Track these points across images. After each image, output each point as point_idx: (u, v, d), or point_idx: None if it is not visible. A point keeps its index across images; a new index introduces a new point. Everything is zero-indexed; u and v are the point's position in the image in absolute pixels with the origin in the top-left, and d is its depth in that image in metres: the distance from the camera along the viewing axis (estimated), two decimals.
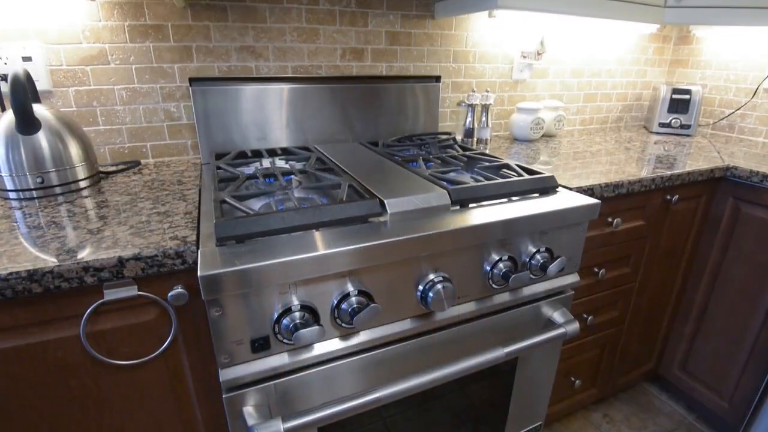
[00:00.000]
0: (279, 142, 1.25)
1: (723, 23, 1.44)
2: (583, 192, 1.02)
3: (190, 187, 0.97)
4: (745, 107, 1.77)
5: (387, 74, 1.40)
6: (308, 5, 1.24)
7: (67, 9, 1.03)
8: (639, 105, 2.03)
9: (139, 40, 1.11)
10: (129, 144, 1.17)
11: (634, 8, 1.37)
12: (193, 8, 1.13)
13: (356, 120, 1.33)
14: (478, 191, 0.85)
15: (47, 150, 0.92)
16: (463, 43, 1.49)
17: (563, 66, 1.74)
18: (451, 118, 1.58)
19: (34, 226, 0.75)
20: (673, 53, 2.01)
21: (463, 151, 1.18)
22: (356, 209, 0.74)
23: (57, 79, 1.07)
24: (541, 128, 1.55)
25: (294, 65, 1.27)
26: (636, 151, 1.43)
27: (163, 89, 1.16)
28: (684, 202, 1.31)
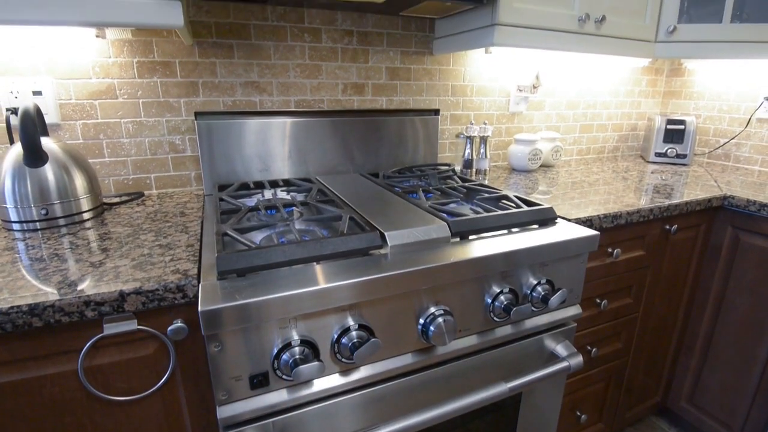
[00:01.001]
0: (281, 173, 1.27)
1: (712, 57, 1.48)
2: (582, 223, 1.03)
3: (193, 219, 0.98)
4: (739, 136, 1.81)
5: (387, 108, 1.44)
6: (311, 43, 1.28)
7: (79, 46, 1.07)
8: (635, 135, 2.07)
9: (147, 76, 1.14)
10: (133, 175, 1.19)
11: (626, 43, 1.42)
12: (201, 45, 1.17)
13: (357, 152, 1.35)
14: (478, 223, 0.86)
15: (53, 182, 0.94)
16: (460, 77, 1.54)
17: (559, 98, 1.78)
18: (450, 149, 1.60)
19: (37, 259, 0.76)
20: (666, 85, 2.06)
21: (462, 182, 1.19)
22: (357, 242, 0.74)
23: (65, 113, 1.10)
24: (539, 159, 1.57)
25: (297, 99, 1.31)
26: (633, 181, 1.45)
27: (169, 123, 1.19)
28: (683, 232, 1.31)
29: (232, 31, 1.19)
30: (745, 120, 1.78)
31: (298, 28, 1.26)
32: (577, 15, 1.27)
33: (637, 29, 1.43)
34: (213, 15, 1.16)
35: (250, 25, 1.20)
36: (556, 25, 1.24)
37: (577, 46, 1.31)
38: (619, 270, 1.20)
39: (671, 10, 1.47)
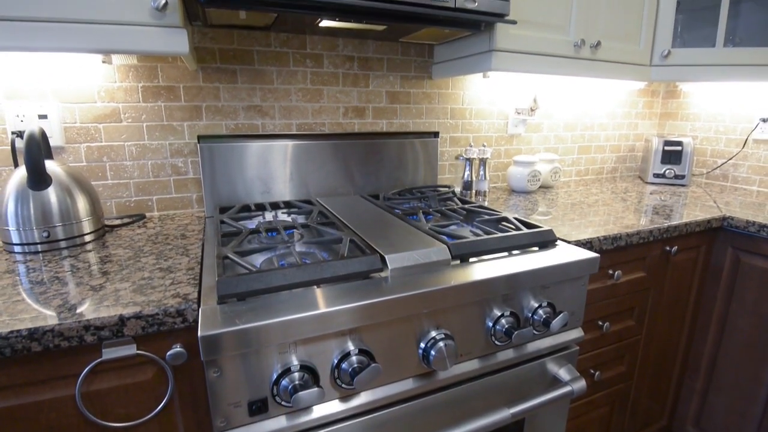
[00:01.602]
0: (282, 195, 1.28)
1: (706, 79, 1.51)
2: (582, 245, 1.03)
3: (194, 242, 0.98)
4: (736, 157, 1.82)
5: (387, 131, 1.46)
6: (313, 68, 1.31)
7: (85, 72, 1.09)
8: (633, 156, 2.09)
9: (152, 100, 1.16)
10: (135, 198, 1.20)
11: (621, 67, 1.45)
12: (205, 71, 1.19)
13: (358, 174, 1.37)
14: (478, 246, 0.86)
15: (55, 205, 0.94)
16: (459, 101, 1.56)
17: (556, 121, 1.81)
18: (449, 170, 1.62)
19: (37, 282, 0.76)
20: (663, 107, 2.09)
21: (462, 204, 1.20)
22: (357, 265, 0.75)
23: (70, 136, 1.11)
24: (538, 180, 1.59)
25: (299, 123, 1.33)
26: (632, 202, 1.46)
27: (172, 145, 1.20)
28: (684, 253, 1.31)
29: (236, 57, 1.22)
30: (742, 141, 1.80)
31: (300, 54, 1.29)
32: (572, 41, 1.30)
33: (632, 54, 1.46)
34: (217, 41, 1.19)
35: (253, 50, 1.23)
36: (553, 50, 1.27)
37: (574, 71, 1.33)
38: (621, 292, 1.19)
39: (665, 35, 1.50)
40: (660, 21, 1.50)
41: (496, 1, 1.03)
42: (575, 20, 1.29)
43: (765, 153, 1.73)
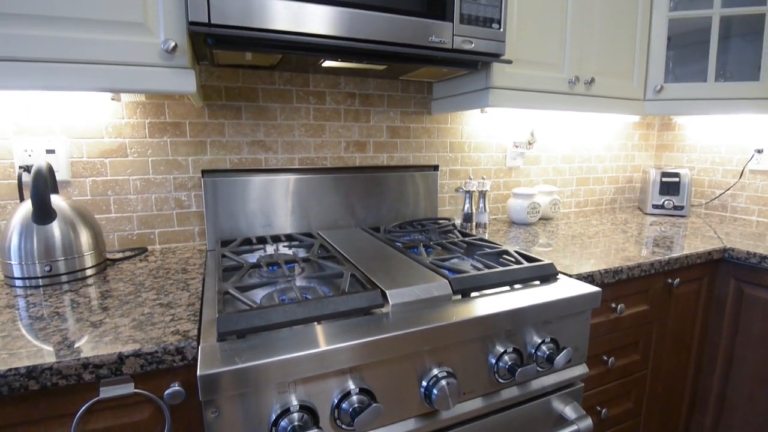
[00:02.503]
0: (284, 228, 1.29)
1: (699, 113, 1.55)
2: (583, 279, 1.03)
3: (195, 276, 0.99)
4: (734, 187, 1.84)
5: (388, 164, 1.49)
6: (316, 105, 1.35)
7: (94, 108, 1.12)
8: (631, 187, 2.11)
9: (158, 136, 1.19)
10: (138, 231, 1.21)
11: (616, 102, 1.49)
12: (210, 107, 1.23)
13: (359, 207, 1.38)
14: (479, 280, 0.86)
15: (59, 239, 0.95)
16: (458, 135, 1.60)
17: (554, 153, 1.84)
18: (450, 203, 1.63)
19: (37, 317, 0.76)
20: (658, 138, 2.13)
21: (462, 237, 1.20)
22: (358, 301, 0.75)
23: (76, 170, 1.13)
24: (538, 212, 1.60)
25: (301, 157, 1.36)
26: (633, 233, 1.46)
27: (176, 179, 1.22)
28: (686, 285, 1.30)
29: (241, 94, 1.25)
30: (738, 171, 1.82)
31: (303, 92, 1.33)
32: (567, 78, 1.34)
33: (625, 89, 1.50)
34: (223, 80, 1.23)
35: (258, 88, 1.27)
36: (548, 87, 1.31)
37: (569, 106, 1.37)
38: (624, 326, 1.18)
39: (657, 71, 1.55)
40: (652, 57, 1.55)
41: (491, 42, 1.07)
42: (569, 58, 1.34)
43: (762, 183, 1.75)
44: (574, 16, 1.33)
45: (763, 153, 1.74)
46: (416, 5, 0.98)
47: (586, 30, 1.37)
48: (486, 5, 1.05)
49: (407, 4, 0.97)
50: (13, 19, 0.76)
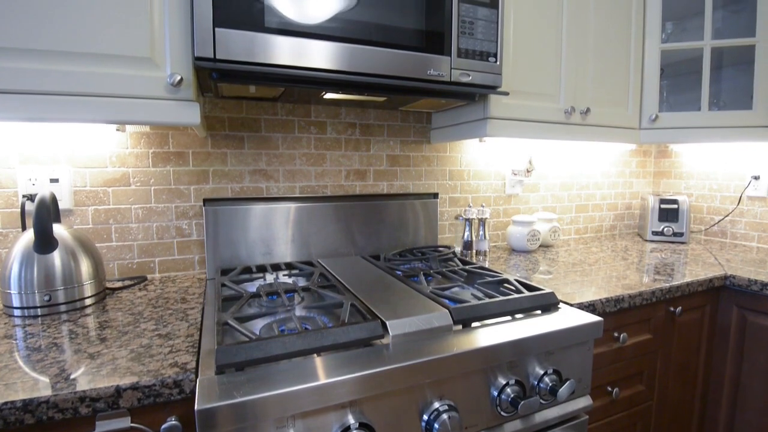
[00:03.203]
0: (284, 256, 1.29)
1: (694, 141, 1.57)
2: (585, 308, 1.02)
3: (194, 305, 0.98)
4: (733, 214, 1.85)
5: (388, 192, 1.50)
6: (317, 134, 1.37)
7: (99, 139, 1.14)
8: (630, 214, 2.12)
9: (161, 165, 1.21)
10: (138, 259, 1.21)
11: (612, 131, 1.52)
12: (214, 137, 1.25)
13: (359, 235, 1.39)
14: (480, 310, 0.86)
15: (59, 268, 0.95)
16: (457, 163, 1.62)
17: (552, 181, 1.86)
18: (449, 230, 1.64)
19: (35, 348, 0.75)
20: (656, 165, 2.16)
21: (462, 265, 1.20)
22: (358, 332, 0.74)
23: (79, 199, 1.14)
24: (538, 239, 1.60)
25: (302, 185, 1.37)
26: (633, 261, 1.46)
27: (178, 208, 1.23)
28: (688, 313, 1.29)
29: (244, 125, 1.28)
30: (736, 198, 1.83)
31: (305, 122, 1.35)
32: (563, 108, 1.37)
33: (621, 118, 1.53)
34: (227, 111, 1.26)
35: (261, 119, 1.30)
36: (544, 117, 1.33)
37: (566, 135, 1.39)
38: (628, 355, 1.16)
39: (651, 100, 1.59)
40: (646, 87, 1.59)
41: (488, 75, 1.10)
42: (564, 89, 1.37)
43: (761, 209, 1.76)
44: (568, 49, 1.37)
45: (760, 179, 1.75)
46: (415, 40, 1.01)
47: (581, 61, 1.41)
48: (483, 40, 1.09)
49: (406, 40, 1.00)
50: (25, 54, 0.79)
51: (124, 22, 0.84)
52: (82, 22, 0.82)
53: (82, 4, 0.81)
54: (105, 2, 0.83)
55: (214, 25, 0.85)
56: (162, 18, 0.88)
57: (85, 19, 0.82)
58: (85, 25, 0.82)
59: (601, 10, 1.45)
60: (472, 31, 1.07)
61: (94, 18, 0.82)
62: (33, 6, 0.78)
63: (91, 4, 0.82)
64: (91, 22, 0.82)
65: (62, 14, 0.80)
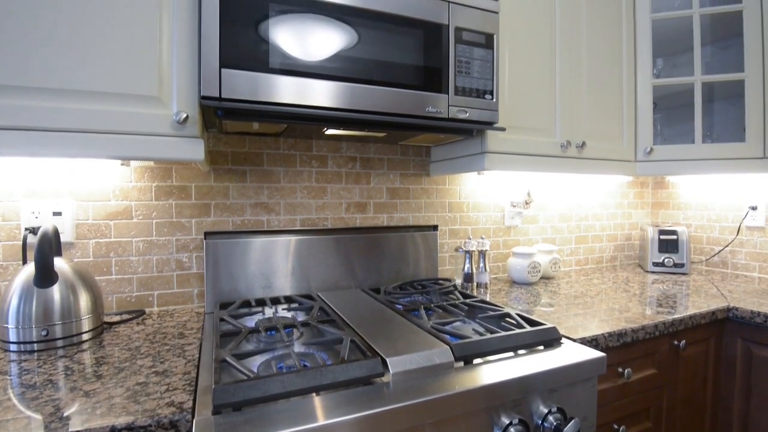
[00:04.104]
0: (283, 290, 1.28)
1: (689, 173, 1.59)
2: (587, 343, 1.01)
3: (192, 341, 0.97)
4: (732, 244, 1.85)
5: (388, 225, 1.51)
6: (318, 168, 1.40)
7: (103, 173, 1.16)
8: (630, 245, 2.12)
9: (164, 198, 1.22)
10: (137, 293, 1.20)
11: (608, 164, 1.54)
12: (217, 171, 1.27)
13: (359, 267, 1.38)
14: (481, 346, 0.85)
15: (58, 303, 0.95)
16: (456, 195, 1.64)
17: (551, 212, 1.87)
18: (450, 262, 1.64)
19: (30, 385, 0.74)
20: (653, 196, 2.18)
21: (463, 298, 1.20)
22: (358, 370, 0.73)
23: (81, 232, 1.15)
24: (538, 271, 1.60)
25: (302, 218, 1.38)
26: (635, 293, 1.45)
27: (179, 241, 1.24)
28: (693, 346, 1.28)
29: (247, 159, 1.30)
30: (735, 228, 1.84)
31: (306, 156, 1.38)
32: (559, 142, 1.40)
33: (616, 151, 1.56)
34: (230, 145, 1.28)
35: (263, 153, 1.32)
36: (541, 151, 1.36)
37: (563, 169, 1.42)
38: (633, 391, 1.14)
39: (646, 133, 1.62)
40: (639, 121, 1.62)
41: (485, 112, 1.13)
42: (560, 124, 1.40)
43: (760, 240, 1.76)
44: (562, 85, 1.41)
45: (757, 210, 1.77)
46: (414, 79, 1.05)
47: (575, 97, 1.45)
48: (479, 78, 1.13)
49: (405, 79, 1.04)
50: (35, 92, 0.82)
51: (134, 62, 0.88)
52: (93, 62, 0.85)
53: (96, 45, 0.85)
54: (118, 44, 0.86)
55: (220, 65, 0.88)
56: (170, 59, 0.91)
57: (96, 59, 0.85)
58: (96, 64, 0.85)
59: (593, 48, 1.50)
60: (468, 70, 1.11)
61: (105, 58, 0.86)
62: (47, 46, 0.82)
63: (105, 45, 0.86)
64: (102, 62, 0.85)
65: (74, 55, 0.84)
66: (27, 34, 0.81)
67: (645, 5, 1.60)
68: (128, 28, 0.87)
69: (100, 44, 0.85)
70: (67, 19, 0.83)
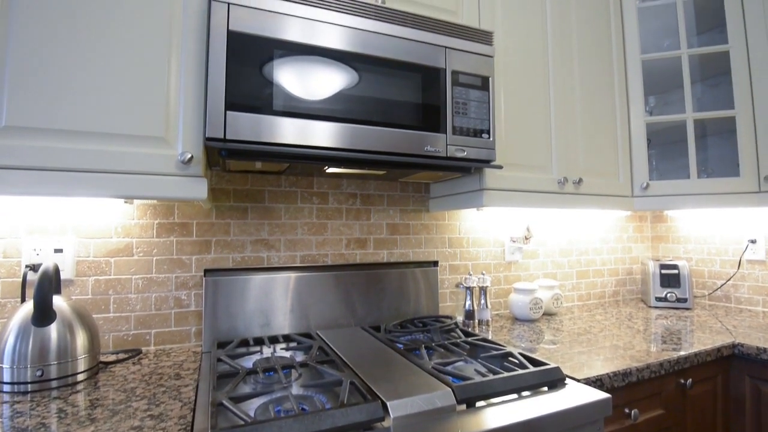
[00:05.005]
0: (282, 328, 1.27)
1: (686, 207, 1.61)
2: (592, 383, 0.99)
3: (188, 382, 0.95)
4: (734, 278, 1.84)
5: (388, 260, 1.51)
6: (319, 204, 1.41)
7: (107, 210, 1.17)
8: (632, 279, 2.11)
9: (165, 235, 1.23)
10: (134, 331, 1.19)
11: (605, 199, 1.56)
12: (218, 209, 1.28)
13: (359, 304, 1.37)
14: (484, 388, 0.83)
15: (55, 342, 0.94)
16: (456, 230, 1.65)
17: (551, 247, 1.87)
18: (451, 298, 1.63)
19: (22, 429, 0.72)
20: (653, 230, 2.18)
21: (465, 337, 1.18)
22: (357, 414, 0.71)
23: (81, 269, 1.15)
24: (540, 308, 1.58)
25: (303, 255, 1.38)
26: (639, 329, 1.43)
27: (178, 278, 1.23)
28: (700, 385, 1.25)
29: (249, 196, 1.32)
30: (736, 261, 1.84)
31: (307, 193, 1.40)
32: (556, 178, 1.42)
33: (613, 187, 1.58)
34: (233, 183, 1.30)
35: (265, 190, 1.34)
36: (539, 187, 1.38)
37: (561, 204, 1.43)
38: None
39: (641, 169, 1.64)
40: (635, 157, 1.65)
41: (482, 150, 1.16)
42: (556, 161, 1.43)
43: (762, 273, 1.75)
44: (557, 123, 1.45)
45: (756, 243, 1.77)
46: (413, 120, 1.08)
47: (570, 135, 1.48)
48: (476, 118, 1.16)
49: (405, 119, 1.07)
50: (44, 133, 0.84)
51: (143, 104, 0.91)
52: (104, 104, 0.88)
53: (107, 87, 0.88)
54: (129, 86, 0.90)
55: (225, 108, 0.91)
56: (177, 101, 0.95)
57: (107, 100, 0.88)
58: (106, 106, 0.88)
59: (585, 88, 1.55)
60: (465, 110, 1.14)
61: (114, 100, 0.89)
62: (60, 89, 0.85)
63: (116, 88, 0.89)
64: (113, 104, 0.89)
65: (84, 97, 0.87)
66: (39, 76, 0.84)
67: (634, 47, 1.66)
68: (139, 71, 0.91)
69: (111, 86, 0.89)
70: (80, 62, 0.87)
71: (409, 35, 1.09)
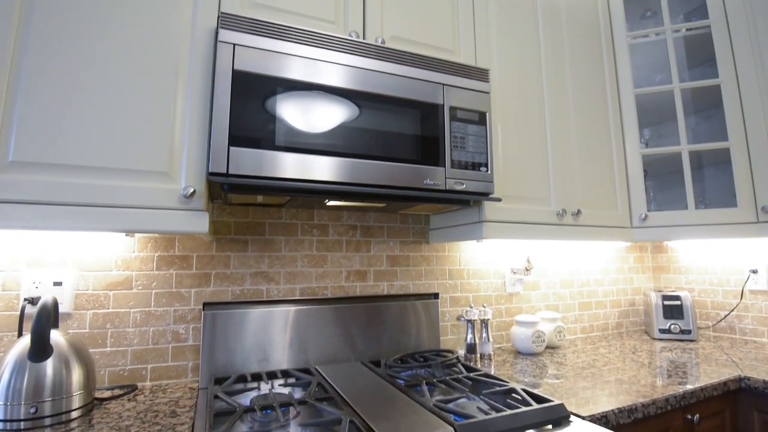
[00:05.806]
0: (280, 363, 1.25)
1: (685, 238, 1.61)
2: (597, 421, 0.97)
3: (184, 420, 0.93)
4: (738, 308, 1.82)
5: (388, 293, 1.50)
6: (319, 236, 1.42)
7: (108, 243, 1.18)
8: (635, 310, 2.09)
9: (165, 268, 1.23)
10: (130, 366, 1.17)
11: (604, 231, 1.56)
12: (219, 241, 1.29)
13: (359, 338, 1.36)
14: (487, 426, 0.81)
15: (50, 378, 0.92)
16: (457, 262, 1.65)
17: (552, 278, 1.86)
18: (452, 331, 1.61)
19: None
20: (653, 260, 2.18)
21: (467, 372, 1.16)
22: None
23: (79, 303, 1.14)
24: (543, 341, 1.56)
25: (302, 287, 1.38)
26: (644, 362, 1.41)
27: (177, 312, 1.23)
28: (708, 421, 1.21)
29: (249, 228, 1.33)
30: (738, 292, 1.82)
31: (308, 225, 1.41)
32: (554, 210, 1.43)
33: (612, 218, 1.59)
34: (234, 216, 1.31)
35: (265, 223, 1.35)
36: (538, 219, 1.39)
37: (560, 236, 1.44)
38: None
39: (639, 201, 1.66)
40: (632, 188, 1.67)
41: (481, 183, 1.18)
42: (554, 193, 1.45)
43: (764, 303, 1.74)
44: (554, 156, 1.47)
45: (758, 273, 1.76)
46: (412, 154, 1.10)
47: (567, 167, 1.50)
48: (474, 152, 1.18)
49: (404, 153, 1.09)
50: (50, 168, 0.86)
51: (149, 139, 0.93)
52: (108, 141, 0.90)
53: (114, 122, 0.91)
54: (135, 122, 0.92)
55: (229, 144, 0.93)
56: (182, 137, 0.97)
57: (109, 137, 0.90)
58: (112, 141, 0.90)
59: (581, 121, 1.58)
60: (463, 144, 1.17)
61: (121, 137, 0.91)
62: (67, 126, 0.87)
63: (123, 124, 0.91)
64: (118, 141, 0.91)
65: (91, 135, 0.89)
66: (50, 115, 0.86)
67: (627, 82, 1.71)
68: (147, 109, 0.94)
69: (119, 124, 0.91)
70: (89, 101, 0.89)
71: (408, 73, 1.13)
